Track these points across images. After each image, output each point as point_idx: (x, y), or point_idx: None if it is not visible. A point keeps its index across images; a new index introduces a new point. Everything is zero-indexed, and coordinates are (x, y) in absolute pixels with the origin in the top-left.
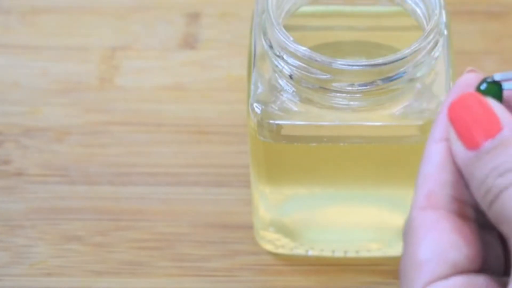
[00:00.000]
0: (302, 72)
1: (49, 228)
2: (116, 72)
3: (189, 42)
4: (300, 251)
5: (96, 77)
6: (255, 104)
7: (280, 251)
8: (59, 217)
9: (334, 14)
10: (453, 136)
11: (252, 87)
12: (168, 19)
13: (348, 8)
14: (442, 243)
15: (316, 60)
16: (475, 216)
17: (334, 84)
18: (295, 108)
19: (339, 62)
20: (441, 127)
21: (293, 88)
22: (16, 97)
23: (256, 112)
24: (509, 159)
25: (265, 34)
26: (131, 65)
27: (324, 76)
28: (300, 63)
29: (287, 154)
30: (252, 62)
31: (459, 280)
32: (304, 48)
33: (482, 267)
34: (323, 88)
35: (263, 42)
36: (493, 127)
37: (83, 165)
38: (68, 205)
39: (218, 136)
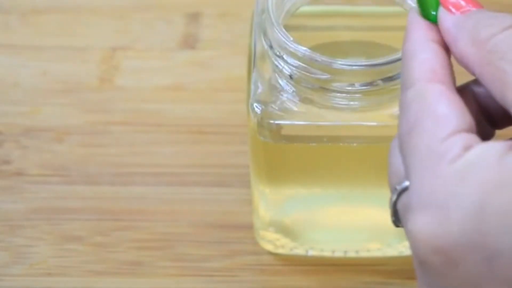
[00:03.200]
0: (302, 72)
1: (49, 228)
2: (116, 72)
3: (189, 42)
4: (300, 251)
5: (96, 77)
6: (255, 104)
7: (280, 251)
8: (59, 217)
9: (334, 14)
10: (441, 9)
11: (252, 87)
12: (168, 19)
13: (348, 8)
14: (459, 106)
15: (316, 60)
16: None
17: (334, 84)
18: (295, 108)
19: (339, 62)
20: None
21: (293, 88)
22: (16, 97)
23: (256, 112)
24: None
25: (265, 34)
26: (131, 65)
27: (324, 76)
28: (300, 63)
29: (287, 154)
30: (252, 62)
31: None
32: (304, 48)
33: None
34: (323, 88)
35: (263, 42)
36: None
37: (83, 165)
38: (68, 205)
39: (218, 136)
